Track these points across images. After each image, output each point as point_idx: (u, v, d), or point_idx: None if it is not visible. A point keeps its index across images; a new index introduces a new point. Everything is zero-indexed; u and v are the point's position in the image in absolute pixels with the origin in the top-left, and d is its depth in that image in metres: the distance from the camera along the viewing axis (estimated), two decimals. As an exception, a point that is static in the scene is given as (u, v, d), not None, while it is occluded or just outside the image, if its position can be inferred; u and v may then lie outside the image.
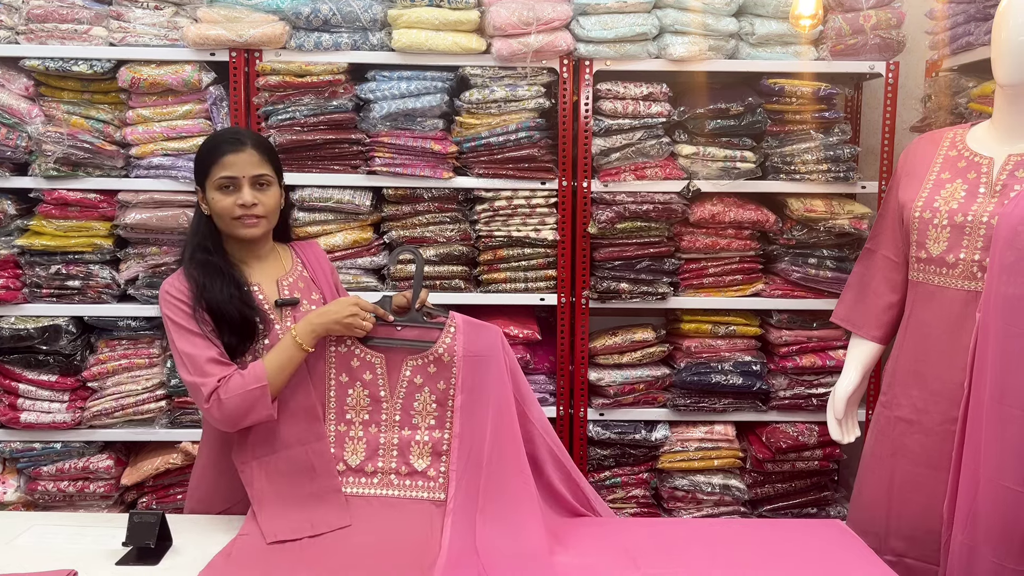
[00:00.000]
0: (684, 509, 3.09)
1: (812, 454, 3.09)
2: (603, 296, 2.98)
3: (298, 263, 2.13)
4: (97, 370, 2.95)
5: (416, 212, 2.96)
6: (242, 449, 1.90)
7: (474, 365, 1.92)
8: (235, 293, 1.93)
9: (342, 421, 1.94)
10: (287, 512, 1.86)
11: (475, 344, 1.94)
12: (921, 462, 2.11)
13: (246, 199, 1.94)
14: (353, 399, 1.94)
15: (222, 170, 1.95)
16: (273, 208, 2.01)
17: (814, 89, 2.94)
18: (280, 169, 2.06)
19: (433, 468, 1.92)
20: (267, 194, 1.99)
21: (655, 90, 2.92)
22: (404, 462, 1.93)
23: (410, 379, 1.94)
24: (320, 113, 2.87)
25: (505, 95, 2.88)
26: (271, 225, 2.04)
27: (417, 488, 1.92)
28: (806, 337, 3.07)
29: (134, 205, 2.88)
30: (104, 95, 2.92)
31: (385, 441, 1.94)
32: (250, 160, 1.96)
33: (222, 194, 1.95)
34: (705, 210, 2.97)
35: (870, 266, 2.34)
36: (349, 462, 1.93)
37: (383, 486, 1.93)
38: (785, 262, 3.04)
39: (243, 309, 1.93)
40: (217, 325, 1.91)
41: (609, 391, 3.03)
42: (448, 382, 1.93)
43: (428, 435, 1.93)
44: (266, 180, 1.99)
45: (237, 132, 2.03)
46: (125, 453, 3.09)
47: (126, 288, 2.96)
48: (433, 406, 1.94)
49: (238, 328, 1.92)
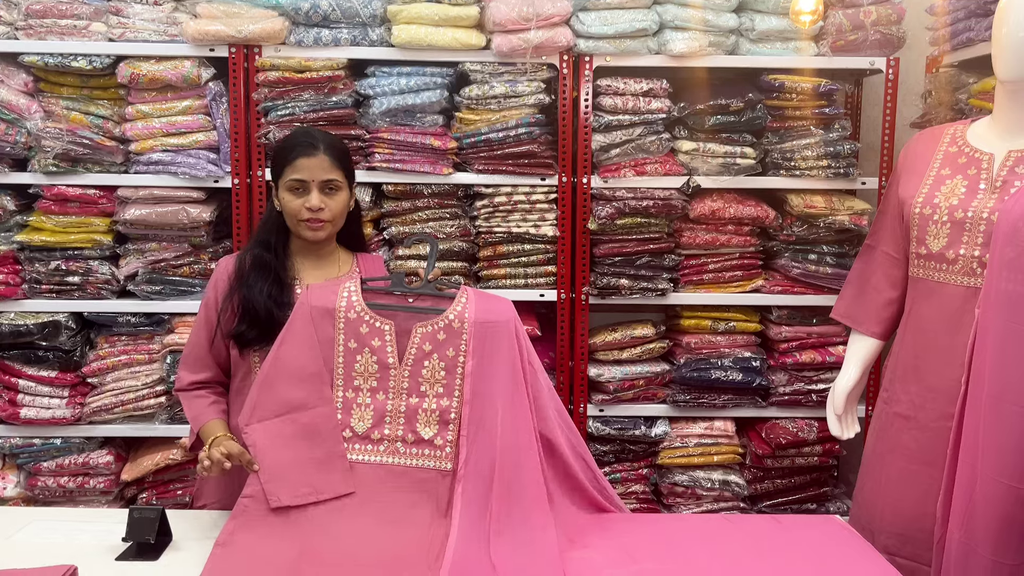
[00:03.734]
0: (684, 505, 3.09)
1: (812, 450, 3.09)
2: (603, 292, 2.98)
3: (356, 271, 2.19)
4: (97, 366, 2.95)
5: (416, 208, 2.96)
6: (245, 410, 1.91)
7: (485, 331, 1.92)
8: (273, 291, 2.03)
9: (350, 387, 1.93)
10: (290, 476, 1.85)
11: (487, 311, 1.94)
12: (916, 459, 2.11)
13: (313, 203, 2.03)
14: (361, 365, 1.93)
15: (294, 172, 2.04)
16: (340, 212, 2.09)
17: (814, 85, 2.94)
18: (352, 174, 2.15)
19: (440, 437, 1.91)
20: (335, 199, 2.07)
21: (655, 86, 2.92)
22: (411, 430, 1.92)
23: (419, 346, 1.92)
24: (320, 109, 2.87)
25: (505, 91, 2.88)
26: (336, 229, 2.13)
27: (423, 456, 1.91)
28: (806, 333, 3.07)
29: (134, 201, 2.88)
30: (103, 91, 2.92)
31: (392, 408, 1.93)
32: (321, 164, 2.04)
33: (292, 195, 2.05)
34: (705, 206, 2.97)
35: (870, 262, 2.34)
36: (356, 428, 1.92)
37: (389, 454, 1.91)
38: (785, 258, 3.04)
39: (271, 307, 2.01)
40: (241, 315, 2.02)
41: (609, 387, 3.03)
42: (458, 348, 1.92)
43: (436, 403, 1.92)
44: (335, 185, 2.07)
45: (311, 135, 2.10)
46: (125, 449, 3.09)
47: (126, 284, 2.95)
48: (442, 373, 1.92)
49: (260, 323, 2.01)
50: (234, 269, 2.09)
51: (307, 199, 2.03)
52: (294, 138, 2.11)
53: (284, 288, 2.06)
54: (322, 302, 1.92)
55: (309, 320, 1.91)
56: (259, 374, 1.94)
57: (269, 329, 1.99)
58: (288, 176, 2.04)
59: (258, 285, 2.03)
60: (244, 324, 2.03)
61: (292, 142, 2.09)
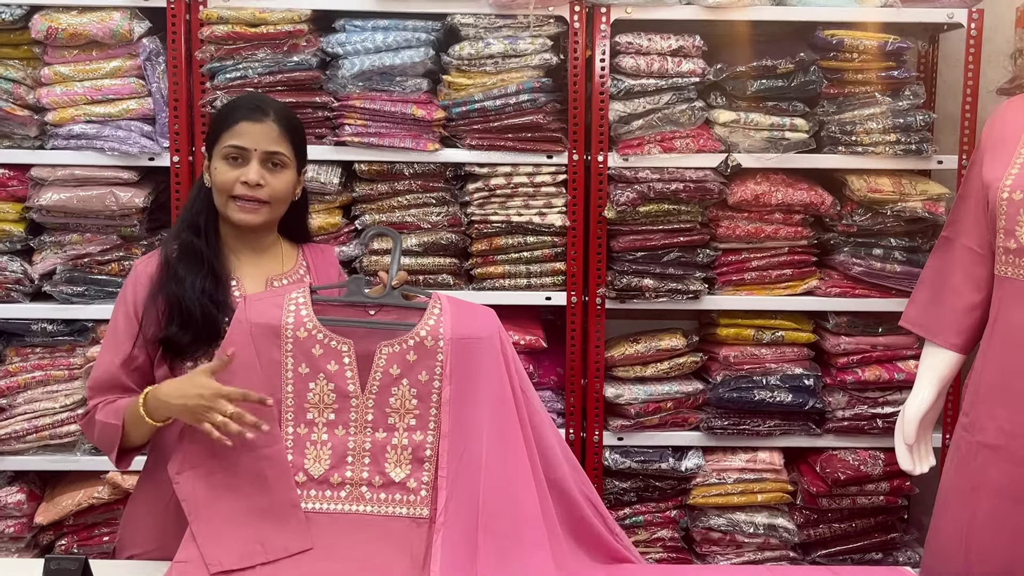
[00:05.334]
0: (721, 554, 3.09)
1: (877, 487, 3.09)
2: (622, 295, 2.98)
3: (302, 265, 2.18)
4: (5, 384, 2.94)
5: (395, 192, 2.96)
6: (176, 456, 1.89)
7: (464, 349, 1.91)
8: (207, 287, 2.00)
9: (302, 422, 1.93)
10: (233, 532, 1.84)
11: (465, 325, 1.93)
12: (1006, 496, 2.10)
13: (251, 177, 2.00)
14: (315, 395, 1.93)
15: (232, 137, 2.02)
16: (281, 194, 2.07)
17: (880, 43, 2.93)
18: (303, 154, 2.13)
19: (414, 478, 1.90)
20: (278, 177, 2.05)
21: (686, 44, 2.91)
22: (378, 471, 1.91)
23: (385, 369, 1.92)
24: (277, 71, 2.87)
25: (503, 49, 2.87)
26: (274, 215, 2.10)
27: (394, 503, 1.91)
28: (869, 345, 3.07)
29: (51, 183, 2.88)
30: (14, 48, 2.92)
31: (355, 446, 1.92)
32: (267, 132, 2.02)
33: (227, 165, 2.02)
34: (747, 190, 2.97)
35: (948, 259, 2.34)
36: (311, 471, 1.92)
37: (352, 500, 1.91)
38: (844, 253, 3.04)
39: (207, 307, 1.98)
40: (169, 317, 1.98)
41: (630, 410, 3.02)
42: (432, 371, 1.91)
43: (407, 437, 1.92)
44: (281, 160, 2.05)
45: (261, 99, 2.11)
46: (40, 485, 3.09)
47: (41, 284, 2.95)
48: (413, 402, 1.92)
49: (195, 327, 1.98)
50: (156, 266, 2.04)
51: (244, 171, 2.01)
52: (239, 100, 2.11)
53: (220, 284, 2.03)
54: (264, 318, 1.91)
55: (249, 341, 1.90)
56: None
57: (207, 332, 1.97)
58: (226, 142, 2.02)
59: (188, 279, 1.99)
60: (175, 326, 1.98)
61: (236, 104, 2.08)
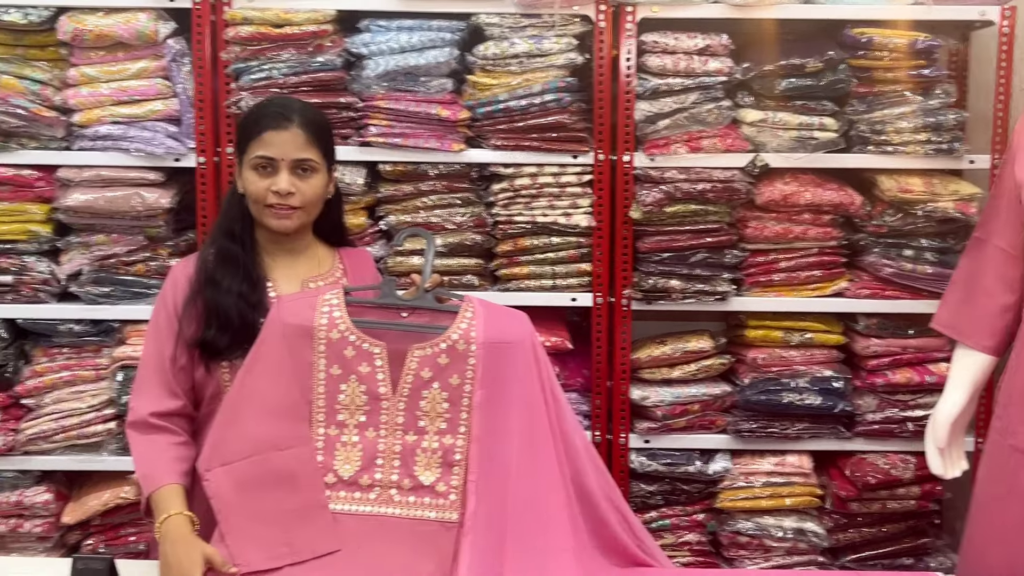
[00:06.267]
0: (749, 558, 3.08)
1: (908, 492, 3.07)
2: (649, 296, 2.97)
3: (338, 268, 2.22)
4: (33, 384, 2.96)
5: (419, 192, 2.97)
6: (204, 453, 1.91)
7: (496, 354, 1.92)
8: (244, 291, 2.05)
9: (333, 423, 1.93)
10: (261, 532, 1.86)
11: (498, 330, 1.94)
12: (1042, 502, 2.09)
13: (281, 186, 2.04)
14: (347, 396, 1.93)
15: (260, 148, 2.05)
16: (313, 199, 2.11)
17: (910, 41, 2.92)
18: (332, 153, 2.17)
19: (443, 482, 1.91)
20: (308, 182, 2.09)
21: (714, 42, 2.91)
22: (408, 474, 1.92)
23: (416, 372, 1.92)
24: (302, 72, 2.88)
25: (528, 49, 2.87)
26: (309, 218, 2.14)
27: (423, 506, 1.91)
28: (900, 347, 3.05)
29: (77, 184, 2.90)
30: (41, 50, 2.94)
31: (385, 448, 1.93)
32: (294, 140, 2.05)
33: (257, 175, 2.06)
34: (775, 190, 2.95)
35: (980, 259, 2.33)
36: (340, 473, 1.92)
37: (381, 503, 1.92)
38: (874, 254, 3.02)
39: (245, 311, 2.03)
40: (207, 321, 2.03)
41: (656, 413, 3.02)
42: (463, 375, 1.92)
43: (438, 441, 1.92)
44: (310, 166, 2.08)
45: (285, 104, 2.14)
46: (67, 485, 3.11)
47: (68, 285, 2.97)
48: (444, 405, 1.92)
49: (232, 330, 2.03)
50: (195, 270, 2.10)
51: (274, 181, 2.04)
52: (263, 107, 2.14)
53: (256, 286, 2.07)
54: (298, 319, 1.92)
55: (282, 341, 1.91)
56: (222, 407, 1.94)
57: (244, 335, 2.00)
58: (253, 152, 2.06)
59: (225, 283, 2.04)
60: (213, 329, 2.03)
61: (260, 112, 2.12)
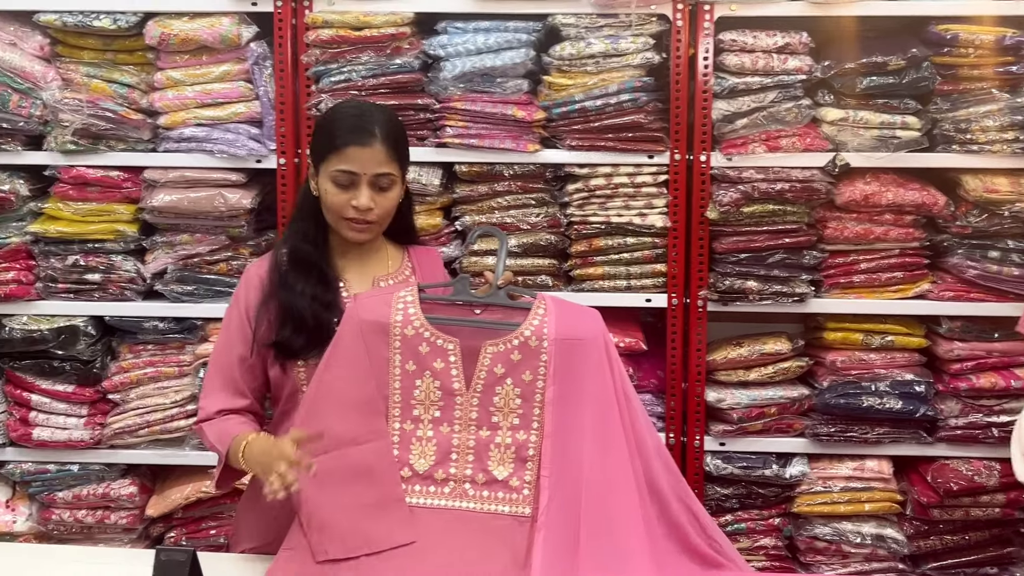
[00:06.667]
0: (826, 564, 3.05)
1: (992, 499, 3.02)
2: (725, 297, 2.96)
3: (407, 267, 2.23)
4: (119, 380, 3.03)
5: (495, 193, 2.98)
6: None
7: (569, 350, 1.92)
8: (317, 292, 2.06)
9: (408, 418, 1.95)
10: (340, 523, 1.88)
11: (570, 326, 1.94)
12: None
13: (362, 203, 2.04)
14: (421, 392, 1.95)
15: (342, 162, 2.04)
16: (390, 211, 2.11)
17: (996, 37, 2.87)
18: (407, 160, 2.16)
19: (516, 477, 1.92)
20: (387, 195, 2.09)
21: (793, 40, 2.88)
22: (481, 469, 1.93)
23: (490, 368, 1.93)
24: (381, 74, 2.91)
25: (604, 49, 2.87)
26: (383, 229, 2.15)
27: (496, 500, 1.92)
28: (985, 351, 3.00)
29: (163, 184, 2.95)
30: (129, 55, 3.00)
31: (459, 443, 1.94)
32: (375, 157, 2.04)
33: (336, 188, 2.05)
34: (856, 190, 2.92)
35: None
36: (416, 467, 1.94)
37: (455, 497, 1.93)
38: (958, 256, 2.97)
39: (319, 311, 2.05)
40: (282, 322, 2.05)
41: (732, 415, 3.00)
42: (536, 371, 1.92)
43: (511, 436, 1.93)
44: (389, 180, 2.08)
45: (366, 116, 2.07)
46: (151, 478, 3.18)
47: (153, 283, 3.04)
48: (517, 401, 1.93)
49: (307, 331, 2.04)
50: (267, 271, 2.11)
51: (355, 196, 2.03)
52: (345, 118, 2.09)
53: (329, 287, 2.09)
54: (374, 315, 1.94)
55: (359, 337, 1.93)
56: (302, 403, 1.98)
57: (318, 335, 2.03)
58: (334, 165, 2.03)
59: (299, 285, 2.06)
60: (288, 331, 2.05)
61: (343, 124, 2.07)
